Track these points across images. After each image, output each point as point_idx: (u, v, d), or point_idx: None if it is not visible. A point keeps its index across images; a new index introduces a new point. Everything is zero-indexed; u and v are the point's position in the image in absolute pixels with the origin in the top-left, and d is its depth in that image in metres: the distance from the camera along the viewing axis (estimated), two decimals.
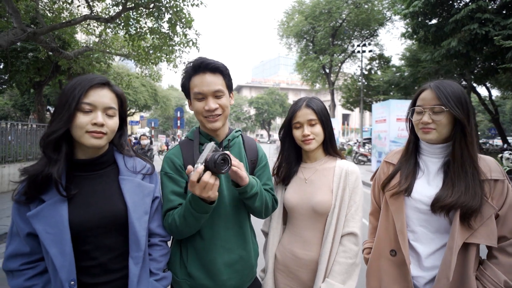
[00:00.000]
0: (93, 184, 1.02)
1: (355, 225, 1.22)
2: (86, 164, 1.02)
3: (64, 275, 0.90)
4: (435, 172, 1.21)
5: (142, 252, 1.01)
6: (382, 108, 11.84)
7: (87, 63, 10.43)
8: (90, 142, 0.96)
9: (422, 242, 1.19)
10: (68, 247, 0.91)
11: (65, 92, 0.96)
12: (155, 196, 1.13)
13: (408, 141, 1.31)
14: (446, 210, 1.10)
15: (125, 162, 1.08)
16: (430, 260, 1.16)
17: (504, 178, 1.12)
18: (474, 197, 1.07)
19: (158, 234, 1.14)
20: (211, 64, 1.15)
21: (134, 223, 1.00)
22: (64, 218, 0.92)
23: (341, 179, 1.26)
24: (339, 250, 1.21)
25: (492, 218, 1.08)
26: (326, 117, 1.30)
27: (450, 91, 1.13)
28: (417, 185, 1.21)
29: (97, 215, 0.97)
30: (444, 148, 1.19)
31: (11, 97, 21.96)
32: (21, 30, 6.77)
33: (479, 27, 10.16)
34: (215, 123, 1.18)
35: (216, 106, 1.16)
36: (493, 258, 1.11)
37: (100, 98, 0.98)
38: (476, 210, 1.06)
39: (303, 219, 1.29)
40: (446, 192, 1.11)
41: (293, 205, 1.31)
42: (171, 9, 7.79)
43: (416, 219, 1.20)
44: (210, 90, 1.15)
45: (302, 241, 1.28)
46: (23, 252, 0.96)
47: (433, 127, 1.15)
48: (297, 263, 1.28)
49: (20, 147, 7.89)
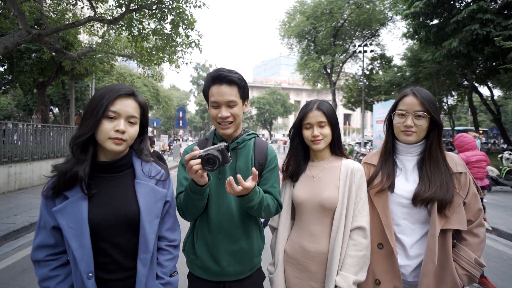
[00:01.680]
0: (111, 185, 1.10)
1: (362, 219, 1.30)
2: (106, 166, 1.10)
3: (83, 267, 0.99)
4: (411, 169, 1.37)
5: (150, 254, 1.08)
6: (383, 108, 11.88)
7: (90, 63, 10.53)
8: (111, 147, 1.05)
9: (406, 234, 1.33)
10: (87, 241, 0.99)
11: (95, 100, 1.05)
12: (166, 200, 1.18)
13: (385, 142, 1.46)
14: (425, 203, 1.27)
15: (142, 166, 1.16)
16: (414, 249, 1.31)
17: (466, 171, 1.32)
18: (447, 190, 1.25)
19: (166, 238, 1.19)
20: (228, 77, 1.28)
21: (145, 226, 1.06)
22: (84, 215, 1.00)
23: (347, 177, 1.35)
24: (349, 243, 1.28)
25: (461, 205, 1.27)
26: (335, 119, 1.39)
27: (428, 98, 1.32)
28: (397, 182, 1.36)
29: (113, 215, 1.05)
30: (417, 147, 1.37)
31: (14, 97, 22.10)
32: (26, 31, 6.86)
33: (480, 28, 10.18)
34: (227, 130, 1.33)
35: (228, 115, 1.30)
36: (463, 240, 1.30)
37: (124, 107, 1.06)
38: (450, 202, 1.25)
39: (311, 214, 1.37)
40: (423, 187, 1.28)
41: (302, 200, 1.39)
42: (174, 11, 7.87)
43: (399, 213, 1.34)
44: (224, 100, 1.29)
45: (310, 235, 1.36)
46: (48, 244, 1.05)
47: (414, 130, 1.31)
48: (305, 255, 1.35)
49: (26, 147, 7.98)
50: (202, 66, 59.38)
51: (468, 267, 1.24)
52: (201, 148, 1.31)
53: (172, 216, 1.24)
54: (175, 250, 1.22)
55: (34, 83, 12.76)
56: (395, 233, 1.34)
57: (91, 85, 16.45)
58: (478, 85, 18.27)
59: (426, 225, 1.30)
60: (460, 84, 19.26)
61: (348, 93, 24.22)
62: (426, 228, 1.30)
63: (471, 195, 1.30)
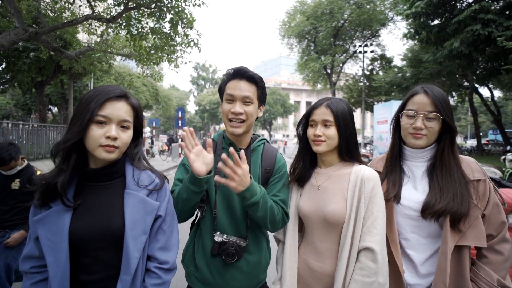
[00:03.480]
0: (99, 195, 1.00)
1: (371, 239, 1.08)
2: (95, 174, 1.01)
3: (55, 285, 0.89)
4: (420, 176, 1.22)
5: (130, 276, 0.94)
6: (383, 109, 11.80)
7: (88, 63, 10.44)
8: (102, 155, 0.95)
9: (416, 249, 1.18)
10: (64, 257, 0.89)
11: (82, 103, 0.95)
12: (158, 215, 1.04)
13: (392, 145, 1.29)
14: (437, 216, 1.12)
15: (133, 174, 1.04)
16: (425, 267, 1.16)
17: (485, 178, 1.14)
18: (462, 202, 1.09)
19: (156, 259, 1.03)
20: (249, 73, 1.23)
21: (128, 242, 0.94)
22: (65, 227, 0.91)
23: (356, 187, 1.14)
24: (356, 266, 1.10)
25: (479, 219, 1.10)
26: (345, 121, 1.19)
27: (442, 98, 1.16)
28: (404, 191, 1.21)
29: (97, 228, 0.95)
30: (427, 152, 1.21)
31: (13, 97, 22.01)
32: (23, 30, 6.77)
33: (482, 28, 10.11)
34: (237, 129, 1.23)
35: (242, 111, 1.21)
36: (483, 257, 1.13)
37: (115, 111, 0.96)
38: (466, 215, 1.09)
39: (316, 229, 1.21)
40: (434, 197, 1.12)
41: (306, 213, 1.23)
42: (173, 9, 7.78)
43: (407, 226, 1.19)
44: (240, 95, 1.22)
45: (316, 252, 1.20)
46: (33, 255, 0.98)
47: (424, 133, 1.16)
48: (311, 274, 1.20)
49: (21, 147, 7.89)
50: (202, 66, 59.34)
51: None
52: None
53: (167, 233, 1.06)
54: (165, 274, 1.03)
55: (33, 82, 12.67)
56: (404, 249, 1.20)
57: (90, 85, 16.37)
58: (479, 86, 18.23)
59: (438, 239, 1.15)
60: (460, 85, 19.22)
61: (348, 93, 24.15)
62: (438, 242, 1.14)
63: (491, 205, 1.12)
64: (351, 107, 1.26)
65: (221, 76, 1.31)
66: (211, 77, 61.04)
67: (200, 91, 59.50)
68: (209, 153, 1.11)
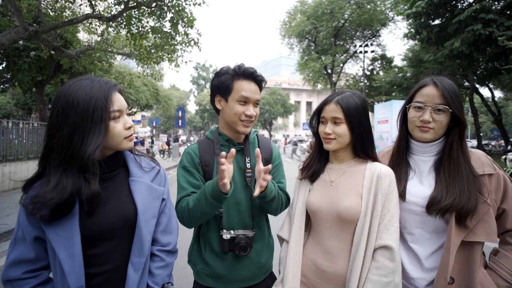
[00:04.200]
0: (105, 186, 0.98)
1: (389, 237, 1.04)
2: (99, 167, 0.97)
3: (72, 280, 0.86)
4: (426, 171, 1.19)
5: (144, 258, 0.97)
6: (384, 109, 11.78)
7: (89, 62, 10.43)
8: (128, 145, 0.99)
9: (420, 244, 1.17)
10: (78, 250, 0.88)
11: (82, 103, 0.87)
12: (162, 197, 1.08)
13: (398, 139, 1.26)
14: (442, 213, 1.09)
15: (135, 162, 1.06)
16: (430, 262, 1.14)
17: (497, 172, 1.10)
18: (469, 198, 1.05)
19: (158, 241, 1.05)
20: (259, 77, 1.29)
21: (141, 227, 0.96)
22: (75, 221, 0.89)
23: (373, 183, 1.10)
24: (372, 266, 1.04)
25: (489, 213, 1.06)
26: (357, 118, 1.14)
27: (452, 90, 1.11)
28: (409, 186, 1.19)
29: (108, 218, 0.94)
30: (435, 146, 1.17)
31: (13, 96, 22.02)
32: (23, 28, 6.76)
33: (483, 28, 10.08)
34: (247, 128, 1.30)
35: (254, 114, 1.28)
36: (508, 244, 1.09)
37: (122, 102, 0.98)
38: (472, 211, 1.05)
39: (328, 227, 1.15)
40: (440, 193, 1.09)
41: (317, 209, 1.17)
42: (173, 8, 7.77)
43: (412, 221, 1.18)
44: (254, 98, 1.27)
45: (326, 252, 1.14)
46: (27, 259, 0.91)
47: (432, 126, 1.12)
48: (319, 275, 1.14)
49: (21, 145, 7.88)
50: (202, 66, 59.34)
51: (508, 277, 1.04)
52: (203, 150, 1.33)
53: (167, 215, 1.09)
54: (168, 256, 1.06)
55: (33, 81, 12.66)
56: (408, 243, 1.18)
57: None
58: (479, 86, 18.20)
59: (444, 234, 1.12)
60: (461, 85, 19.19)
61: None
62: (444, 237, 1.12)
63: (511, 198, 1.08)
64: (364, 100, 1.19)
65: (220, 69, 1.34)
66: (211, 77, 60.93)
67: (200, 91, 59.48)
68: (230, 164, 1.10)
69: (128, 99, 1.10)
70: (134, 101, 25.16)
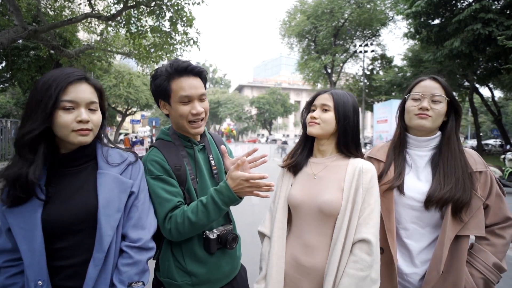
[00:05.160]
0: (72, 180, 0.98)
1: (368, 231, 1.04)
2: (67, 159, 0.99)
3: (31, 274, 0.87)
4: (423, 166, 1.21)
5: (103, 253, 0.93)
6: (383, 108, 11.80)
7: (88, 61, 10.42)
8: (77, 140, 0.94)
9: (414, 239, 1.18)
10: (38, 244, 0.88)
11: (38, 90, 0.91)
12: (131, 191, 1.02)
13: (398, 133, 1.29)
14: (440, 205, 1.12)
15: (104, 155, 1.03)
16: (421, 256, 1.17)
17: (486, 169, 1.16)
18: (464, 190, 1.10)
19: (127, 237, 1.00)
20: (196, 68, 1.18)
21: (101, 220, 0.93)
22: (37, 214, 0.89)
23: (354, 178, 1.11)
24: (349, 259, 1.04)
25: (480, 209, 1.12)
26: (345, 110, 1.16)
27: (448, 85, 1.20)
28: (406, 181, 1.20)
29: (72, 212, 0.94)
30: (431, 140, 1.21)
31: (13, 95, 22.01)
32: (22, 28, 6.75)
33: (483, 27, 10.09)
34: (199, 129, 1.21)
35: (202, 110, 1.18)
36: (484, 239, 1.14)
37: (81, 94, 0.94)
38: (467, 203, 1.09)
39: (308, 220, 1.16)
40: (438, 186, 1.13)
41: (298, 202, 1.18)
42: (172, 8, 7.77)
43: (408, 216, 1.19)
44: (197, 93, 1.17)
45: (306, 246, 1.14)
46: (6, 249, 0.93)
47: (430, 114, 1.17)
48: (298, 270, 1.14)
49: None
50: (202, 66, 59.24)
51: (484, 271, 1.10)
52: (168, 154, 1.20)
53: (139, 210, 1.03)
54: (137, 253, 0.99)
55: (32, 81, 12.65)
56: (402, 238, 1.20)
57: None
58: (479, 86, 18.22)
59: (438, 229, 1.14)
60: (461, 85, 19.20)
61: None
62: (438, 232, 1.14)
63: (494, 196, 1.13)
64: (356, 101, 1.24)
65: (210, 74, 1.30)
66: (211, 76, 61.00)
67: None
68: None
69: (128, 99, 1.10)
70: (134, 101, 25.12)
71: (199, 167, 1.23)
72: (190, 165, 1.21)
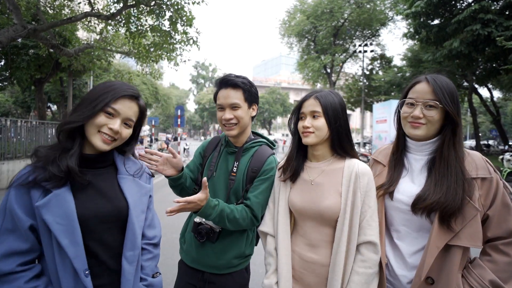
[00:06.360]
0: (96, 180, 1.03)
1: (372, 232, 1.11)
2: (92, 160, 1.04)
3: (78, 264, 0.91)
4: (418, 170, 1.18)
5: (137, 250, 1.03)
6: (383, 108, 11.81)
7: (88, 60, 10.40)
8: (97, 143, 1.00)
9: (405, 241, 1.17)
10: (79, 237, 0.92)
11: (97, 91, 1.01)
12: (150, 194, 1.16)
13: (397, 137, 1.26)
14: (427, 212, 1.07)
15: (124, 162, 1.12)
16: (413, 260, 1.13)
17: (491, 176, 1.06)
18: (454, 198, 1.03)
19: (145, 235, 1.13)
20: (232, 81, 1.36)
21: (133, 220, 1.03)
22: (72, 210, 0.93)
23: (351, 182, 1.14)
24: (357, 259, 1.12)
25: (476, 219, 1.03)
26: (334, 112, 1.18)
27: (446, 87, 1.10)
28: (400, 184, 1.18)
29: (102, 211, 0.99)
30: (429, 145, 1.16)
31: (12, 94, 21.96)
32: (21, 26, 6.74)
33: (482, 28, 10.10)
34: (231, 131, 1.40)
35: (231, 117, 1.36)
36: (486, 255, 1.06)
37: (125, 108, 1.03)
38: (456, 212, 1.02)
39: (310, 224, 1.21)
40: (426, 192, 1.08)
41: (299, 209, 1.21)
42: (172, 7, 7.77)
43: (399, 219, 1.18)
44: (227, 103, 1.37)
45: (310, 244, 1.20)
46: (20, 250, 0.89)
47: (423, 122, 1.11)
48: (303, 265, 1.20)
49: (19, 144, 7.87)
50: (202, 65, 59.29)
51: (477, 286, 1.01)
52: (211, 145, 1.57)
53: (151, 211, 1.19)
54: (155, 248, 1.16)
55: (32, 79, 12.63)
56: (394, 239, 1.19)
57: (89, 82, 16.32)
58: (478, 86, 18.23)
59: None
60: (460, 85, 19.21)
61: (348, 93, 24.14)
62: None
63: (499, 205, 1.03)
64: (342, 99, 1.25)
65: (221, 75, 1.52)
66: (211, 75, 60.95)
67: (200, 89, 59.43)
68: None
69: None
70: None
71: (219, 165, 1.45)
72: (216, 160, 1.47)
